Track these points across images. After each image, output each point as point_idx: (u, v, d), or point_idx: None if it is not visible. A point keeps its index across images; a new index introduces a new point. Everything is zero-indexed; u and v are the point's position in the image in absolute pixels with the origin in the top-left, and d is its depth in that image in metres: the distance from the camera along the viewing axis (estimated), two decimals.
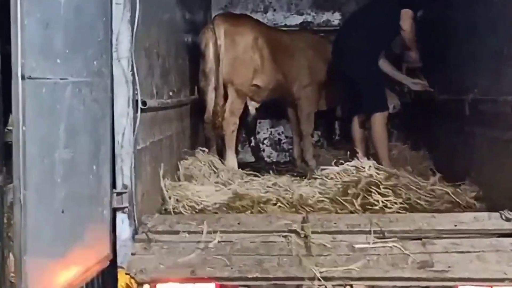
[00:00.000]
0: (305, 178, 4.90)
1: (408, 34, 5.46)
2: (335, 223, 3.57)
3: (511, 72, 3.91)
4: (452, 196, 4.38)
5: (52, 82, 2.72)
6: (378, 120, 5.38)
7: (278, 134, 7.25)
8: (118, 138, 3.45)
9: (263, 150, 7.22)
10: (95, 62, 3.19)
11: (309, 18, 7.06)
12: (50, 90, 2.70)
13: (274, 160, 7.16)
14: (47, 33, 2.66)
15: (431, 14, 5.68)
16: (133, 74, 3.47)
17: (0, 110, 3.42)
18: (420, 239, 3.45)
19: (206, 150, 5.29)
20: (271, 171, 5.21)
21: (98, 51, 3.23)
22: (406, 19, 5.39)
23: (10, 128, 4.07)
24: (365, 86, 5.38)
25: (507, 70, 3.97)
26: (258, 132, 7.20)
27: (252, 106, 5.93)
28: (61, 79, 2.79)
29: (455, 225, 3.51)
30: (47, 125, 2.70)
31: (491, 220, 3.55)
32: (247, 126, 6.64)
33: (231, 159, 5.43)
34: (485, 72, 4.39)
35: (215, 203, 4.29)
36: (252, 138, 7.05)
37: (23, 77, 2.49)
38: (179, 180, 4.68)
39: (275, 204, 4.26)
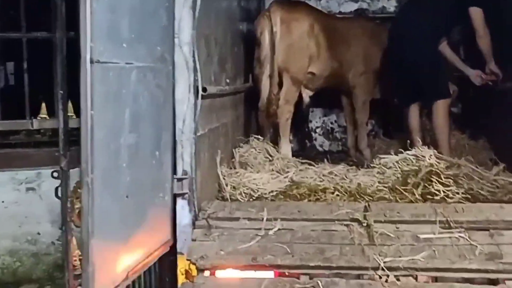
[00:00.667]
0: (360, 167, 4.81)
1: (485, 40, 5.21)
2: (398, 213, 3.50)
3: None
4: None
5: (119, 66, 2.73)
6: (441, 107, 5.23)
7: (331, 123, 7.16)
8: (179, 124, 3.45)
9: (315, 139, 7.14)
10: (158, 48, 3.19)
11: (364, 5, 6.92)
12: (117, 75, 2.71)
13: (326, 149, 7.08)
14: (114, 17, 2.68)
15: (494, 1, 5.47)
16: (194, 61, 3.45)
17: (64, 96, 3.48)
18: (488, 230, 3.35)
19: (261, 138, 5.25)
20: (325, 160, 5.13)
21: (161, 37, 3.23)
22: (479, 20, 5.18)
23: (70, 114, 4.15)
24: (427, 73, 5.23)
25: None
26: (311, 121, 7.12)
27: (306, 94, 5.85)
28: (126, 63, 2.79)
29: None
30: (113, 109, 2.72)
31: None
32: (300, 114, 6.56)
33: (286, 147, 5.37)
34: None
35: (272, 191, 4.24)
36: (305, 126, 6.98)
37: (91, 61, 2.51)
38: (235, 167, 4.65)
39: (333, 193, 4.19)
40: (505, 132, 5.28)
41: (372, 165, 4.63)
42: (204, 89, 3.57)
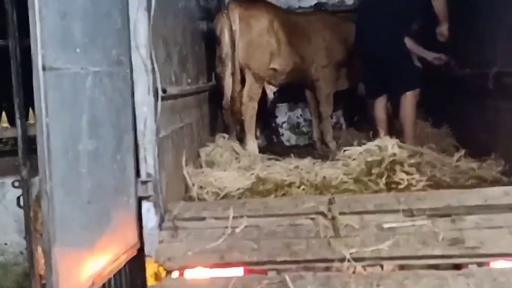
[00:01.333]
0: (326, 160, 4.85)
1: (439, 1, 5.28)
2: (362, 204, 3.53)
3: None
4: (478, 171, 4.32)
5: (73, 72, 2.70)
6: (409, 99, 5.29)
7: (297, 117, 7.20)
8: (140, 127, 3.43)
9: (282, 134, 7.18)
10: (114, 51, 3.16)
11: None
12: (71, 81, 2.69)
13: (293, 143, 7.11)
14: (65, 23, 2.65)
15: None
16: (152, 62, 3.43)
17: (21, 104, 3.43)
18: (450, 215, 3.39)
19: (226, 136, 5.25)
20: (292, 154, 5.16)
21: (116, 40, 3.21)
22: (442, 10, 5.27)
23: (31, 122, 4.09)
24: (396, 66, 5.28)
25: None
26: (277, 116, 7.15)
27: (270, 90, 5.87)
28: (81, 68, 2.77)
29: (485, 200, 3.44)
30: (70, 116, 2.69)
31: None
32: (265, 110, 6.59)
33: (252, 144, 5.40)
34: (508, 44, 4.30)
35: (239, 188, 4.26)
36: (271, 122, 7.01)
37: (44, 68, 2.48)
38: (201, 167, 4.65)
39: (299, 187, 4.23)
40: (466, 118, 5.38)
41: (336, 157, 4.68)
42: (164, 90, 3.55)
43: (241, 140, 5.49)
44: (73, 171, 2.72)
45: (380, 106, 5.59)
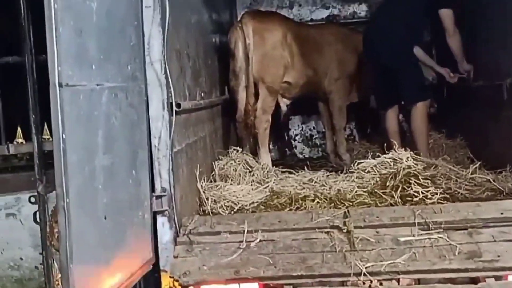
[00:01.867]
0: (340, 172, 4.84)
1: (455, 41, 5.29)
2: (377, 217, 3.52)
3: None
4: (494, 183, 4.30)
5: (89, 88, 2.72)
6: (420, 109, 5.27)
7: (310, 129, 7.20)
8: (154, 141, 3.45)
9: (295, 147, 7.18)
10: (129, 67, 3.18)
11: (335, 11, 7.00)
12: (87, 97, 2.70)
13: (307, 156, 7.11)
14: (81, 40, 2.66)
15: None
16: (166, 77, 3.46)
17: (37, 120, 3.46)
18: (466, 229, 3.38)
19: (240, 149, 5.26)
20: (305, 167, 5.16)
21: (131, 56, 3.23)
22: (449, 21, 5.24)
23: (46, 137, 4.12)
24: (406, 76, 5.27)
25: None
26: (290, 129, 7.15)
27: (284, 103, 5.88)
28: (97, 85, 2.79)
29: (502, 213, 3.43)
30: (86, 132, 2.70)
31: None
32: (278, 123, 6.60)
33: (265, 157, 5.40)
34: None
35: (253, 202, 4.26)
36: (284, 134, 7.02)
37: (60, 85, 2.49)
38: (215, 180, 4.66)
39: (313, 200, 4.22)
40: (481, 129, 5.35)
41: (350, 170, 4.67)
42: (178, 105, 3.57)
43: (255, 153, 5.49)
44: (89, 187, 2.73)
45: (392, 118, 5.58)
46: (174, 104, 3.51)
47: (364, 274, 3.16)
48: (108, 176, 2.89)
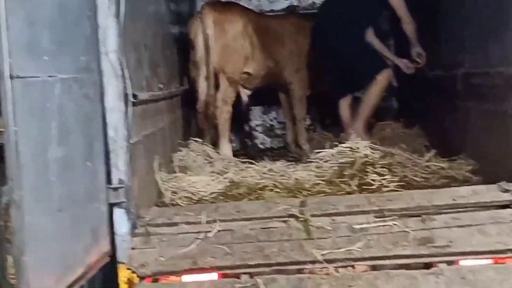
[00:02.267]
0: (300, 162, 4.89)
1: (409, 23, 5.39)
2: (333, 205, 3.57)
3: (499, 44, 3.91)
4: (448, 171, 4.39)
5: (41, 80, 2.69)
6: (379, 81, 5.40)
7: (271, 120, 7.23)
8: (111, 133, 3.42)
9: (256, 137, 7.20)
10: (83, 58, 3.15)
11: (295, 2, 7.03)
12: (40, 89, 2.67)
13: (268, 146, 7.14)
14: (33, 31, 2.63)
15: None
16: (122, 68, 3.43)
17: None
18: (420, 215, 3.45)
19: (200, 140, 5.26)
20: (265, 158, 5.19)
21: (85, 47, 3.20)
22: (399, 9, 5.35)
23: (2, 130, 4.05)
24: (359, 60, 5.38)
25: (496, 42, 3.97)
26: (251, 119, 7.18)
27: (244, 94, 5.89)
28: (49, 76, 2.76)
29: (454, 200, 3.51)
30: (38, 124, 2.67)
31: (490, 193, 3.56)
32: (239, 114, 6.61)
33: (226, 148, 5.41)
34: (476, 45, 4.38)
35: (212, 193, 4.27)
36: (245, 125, 7.04)
37: (11, 77, 2.46)
38: (174, 172, 4.65)
39: (272, 190, 4.25)
40: (437, 119, 5.45)
41: (309, 159, 4.72)
42: (135, 96, 3.56)
43: (215, 144, 5.50)
44: (43, 179, 2.70)
45: (346, 107, 5.65)
46: (130, 95, 3.49)
47: (320, 262, 3.20)
48: (62, 168, 2.87)
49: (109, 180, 3.43)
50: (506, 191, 3.51)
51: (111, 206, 3.43)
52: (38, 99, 2.67)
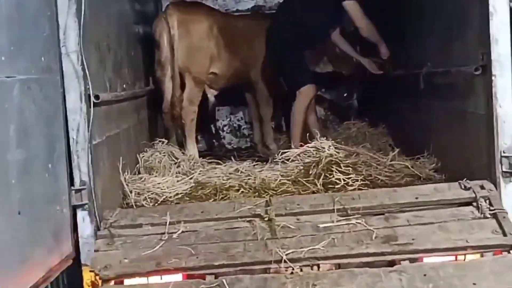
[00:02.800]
0: (267, 162, 4.90)
1: (366, 30, 5.39)
2: (298, 204, 3.58)
3: (460, 44, 3.97)
4: (412, 169, 4.44)
5: None
6: (300, 96, 5.47)
7: (238, 120, 7.22)
8: (72, 134, 3.39)
9: (224, 137, 7.19)
10: (42, 58, 3.10)
11: (261, 2, 7.02)
12: None
13: (235, 146, 7.14)
14: None
15: None
16: (83, 69, 3.40)
17: None
18: (383, 214, 3.49)
19: (165, 141, 5.23)
20: (232, 158, 5.18)
21: (44, 47, 3.15)
22: (355, 13, 5.32)
23: None
24: (289, 64, 5.50)
25: (457, 42, 4.04)
26: (218, 120, 7.16)
27: (211, 94, 5.87)
28: (7, 77, 2.70)
29: (416, 198, 3.55)
30: None
31: (451, 190, 3.60)
32: (206, 114, 6.59)
33: (192, 148, 5.39)
34: (437, 45, 4.44)
35: (177, 194, 4.26)
36: (212, 125, 7.02)
37: None
38: (139, 173, 4.62)
39: (238, 190, 4.26)
40: (401, 118, 5.52)
41: (275, 159, 4.73)
42: (97, 97, 3.52)
43: (182, 144, 5.47)
44: (2, 182, 2.64)
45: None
46: (92, 95, 3.46)
47: (285, 261, 3.20)
48: (22, 170, 2.82)
49: (71, 182, 3.40)
50: (467, 188, 3.55)
51: (74, 208, 3.40)
52: None
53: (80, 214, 3.43)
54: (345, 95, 6.96)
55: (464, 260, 3.23)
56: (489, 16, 3.45)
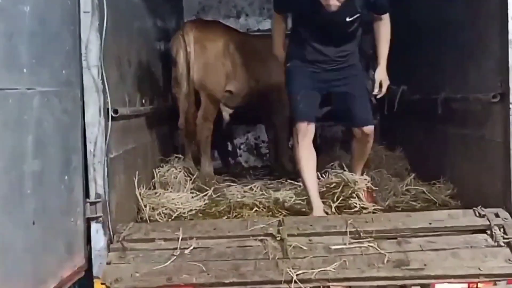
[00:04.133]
0: (282, 181, 4.90)
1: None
2: (311, 225, 3.57)
3: (478, 70, 3.97)
4: (428, 194, 4.43)
5: (19, 92, 2.68)
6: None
7: (255, 138, 7.24)
8: (90, 147, 3.43)
9: (240, 155, 7.21)
10: (63, 72, 3.16)
11: None
12: (17, 101, 2.66)
13: (251, 165, 7.15)
14: (11, 43, 2.63)
15: (400, 16, 5.67)
16: (103, 83, 3.44)
17: None
18: (396, 238, 3.46)
19: (182, 157, 5.26)
20: (247, 176, 5.20)
21: (66, 61, 3.21)
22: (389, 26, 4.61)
23: None
24: None
25: (475, 68, 4.03)
26: (235, 137, 7.19)
27: (226, 112, 5.90)
28: (28, 89, 2.76)
29: (430, 223, 3.53)
30: (14, 136, 2.66)
31: (465, 217, 3.58)
32: (223, 132, 6.62)
33: (207, 165, 5.41)
34: (455, 71, 4.44)
35: (191, 210, 4.29)
36: (228, 143, 7.05)
37: None
38: (155, 188, 4.65)
39: (251, 209, 4.28)
40: (418, 142, 5.50)
41: (291, 179, 4.74)
42: (116, 111, 3.57)
43: (198, 161, 5.50)
44: (17, 192, 2.69)
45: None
46: (110, 109, 3.50)
47: (295, 282, 3.20)
48: (38, 181, 2.86)
49: (87, 194, 3.43)
50: (482, 216, 3.53)
51: (88, 220, 3.43)
52: (15, 111, 2.66)
53: (94, 226, 3.45)
54: None
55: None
56: (508, 43, 3.45)
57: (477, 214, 3.56)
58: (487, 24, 3.81)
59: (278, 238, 3.47)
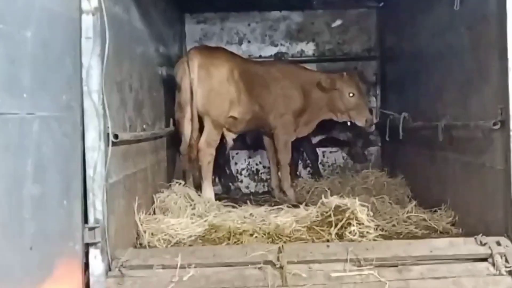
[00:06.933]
0: (282, 208, 4.88)
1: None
2: (311, 252, 3.54)
3: (479, 98, 3.97)
4: (429, 222, 4.41)
5: (19, 117, 2.69)
6: None
7: (256, 164, 7.24)
8: (89, 172, 3.41)
9: (241, 181, 7.20)
10: (64, 97, 3.16)
11: (284, 49, 7.13)
12: (17, 125, 2.67)
13: (252, 190, 7.14)
14: (13, 68, 2.65)
15: (402, 43, 5.73)
16: (103, 108, 3.44)
17: None
18: (397, 266, 3.44)
19: (182, 182, 5.24)
20: (248, 202, 5.18)
21: (67, 86, 3.21)
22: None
23: None
24: None
25: (475, 96, 4.04)
26: (236, 163, 7.19)
27: (229, 137, 5.91)
28: (28, 114, 2.76)
29: (431, 251, 3.50)
30: (14, 160, 2.66)
31: (466, 245, 3.55)
32: (224, 157, 6.63)
33: (208, 191, 5.40)
34: (456, 98, 4.45)
35: (191, 236, 4.26)
36: (229, 169, 7.05)
37: None
38: (155, 213, 4.63)
39: (251, 235, 4.24)
40: (419, 169, 5.48)
41: (291, 205, 4.72)
42: (116, 136, 3.56)
43: (199, 186, 5.48)
44: (16, 216, 2.68)
45: None
46: (111, 134, 3.50)
47: None
48: (36, 205, 2.85)
49: (85, 220, 3.41)
50: (483, 244, 3.50)
51: (87, 246, 3.40)
52: (15, 136, 2.66)
53: (93, 252, 3.42)
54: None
55: None
56: (508, 71, 3.46)
57: (479, 242, 3.54)
58: (487, 52, 3.83)
59: (278, 266, 3.44)
